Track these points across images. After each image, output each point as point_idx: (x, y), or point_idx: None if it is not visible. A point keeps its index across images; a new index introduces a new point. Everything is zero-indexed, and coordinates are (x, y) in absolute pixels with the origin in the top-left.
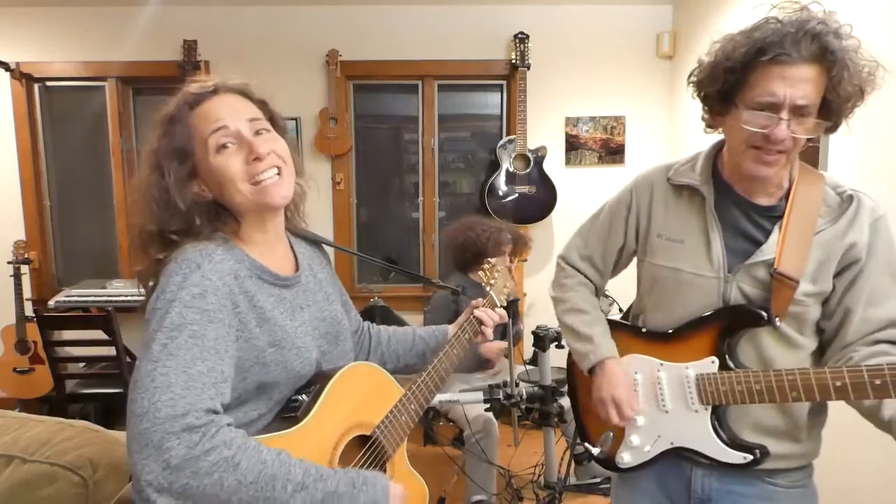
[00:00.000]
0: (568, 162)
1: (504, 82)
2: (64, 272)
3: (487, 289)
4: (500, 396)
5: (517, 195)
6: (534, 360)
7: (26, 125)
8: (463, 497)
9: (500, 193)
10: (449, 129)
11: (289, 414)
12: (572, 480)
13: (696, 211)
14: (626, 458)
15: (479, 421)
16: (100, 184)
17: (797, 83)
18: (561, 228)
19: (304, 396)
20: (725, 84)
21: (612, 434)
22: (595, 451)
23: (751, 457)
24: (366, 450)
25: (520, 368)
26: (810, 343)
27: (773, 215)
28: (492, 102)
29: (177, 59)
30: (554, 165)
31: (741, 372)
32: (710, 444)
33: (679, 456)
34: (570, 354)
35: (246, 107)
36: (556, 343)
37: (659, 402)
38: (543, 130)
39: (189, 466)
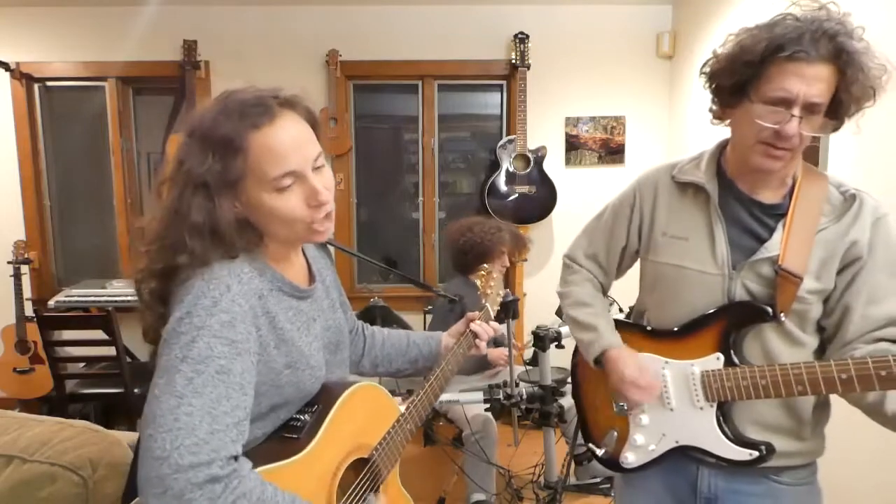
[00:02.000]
0: (568, 162)
1: (504, 82)
2: (64, 272)
3: (483, 300)
4: (500, 396)
5: (517, 195)
6: (534, 360)
7: (26, 125)
8: (463, 497)
9: (501, 193)
10: (449, 129)
11: (289, 434)
12: (572, 480)
13: (700, 208)
14: (630, 458)
15: (477, 421)
16: (100, 184)
17: (812, 81)
18: (561, 228)
19: (305, 417)
20: (741, 77)
21: (615, 434)
22: (599, 451)
23: (756, 453)
24: (363, 475)
25: (520, 368)
26: (812, 341)
27: (777, 213)
28: (492, 102)
29: (177, 59)
30: (554, 165)
31: (746, 367)
32: (715, 441)
33: (685, 455)
34: (574, 352)
35: (306, 137)
36: (556, 343)
37: (664, 400)
38: (543, 130)
39: None
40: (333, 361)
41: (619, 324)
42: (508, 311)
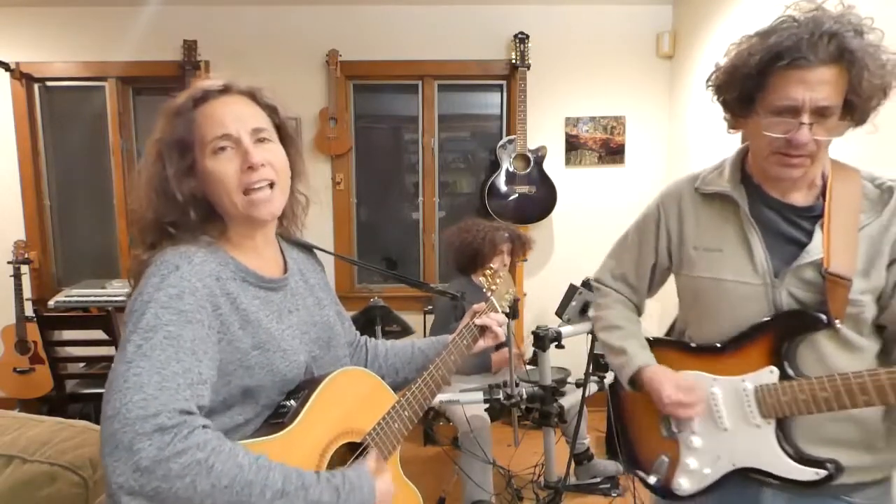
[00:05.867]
0: (568, 162)
1: (504, 82)
2: (64, 272)
3: (488, 294)
4: (500, 396)
5: (517, 195)
6: (534, 360)
7: (26, 125)
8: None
9: (501, 193)
10: (449, 129)
11: (277, 420)
12: (572, 480)
13: (730, 218)
14: (684, 484)
15: (474, 420)
16: (100, 184)
17: (816, 86)
18: (561, 228)
19: (292, 402)
20: (744, 90)
21: (666, 459)
22: (651, 479)
23: (824, 472)
24: (355, 458)
25: (523, 368)
26: (871, 345)
27: (812, 215)
28: (492, 102)
29: (177, 59)
30: (554, 165)
31: (804, 380)
32: (776, 461)
33: (745, 478)
34: (613, 381)
35: (253, 113)
36: (555, 343)
37: (716, 420)
38: (543, 130)
39: (160, 468)
40: (327, 358)
41: (659, 342)
42: (508, 310)
